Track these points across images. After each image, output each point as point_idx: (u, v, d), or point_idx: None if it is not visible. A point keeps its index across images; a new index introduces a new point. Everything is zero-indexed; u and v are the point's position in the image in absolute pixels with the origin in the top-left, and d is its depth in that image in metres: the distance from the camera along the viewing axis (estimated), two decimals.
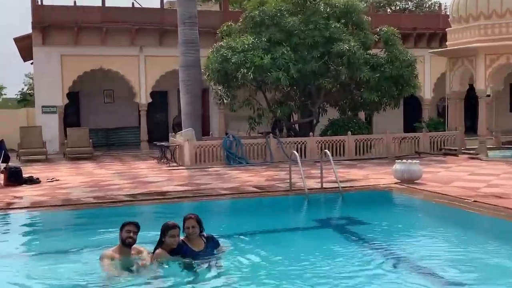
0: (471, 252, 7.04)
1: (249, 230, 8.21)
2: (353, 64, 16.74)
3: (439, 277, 5.97)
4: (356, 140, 17.33)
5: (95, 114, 24.21)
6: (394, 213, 10.07)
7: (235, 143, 16.48)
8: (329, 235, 8.22)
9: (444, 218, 9.49)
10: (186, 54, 17.70)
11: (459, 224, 8.90)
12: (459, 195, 9.92)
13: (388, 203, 10.87)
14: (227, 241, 6.90)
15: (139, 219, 6.55)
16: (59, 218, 9.82)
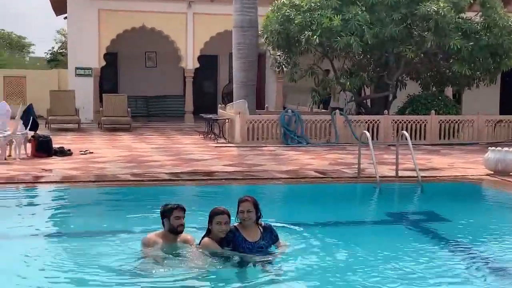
0: None
1: (308, 221, 8.19)
2: (441, 29, 16.34)
3: None
4: (441, 121, 17.05)
5: (134, 80, 24.64)
6: (483, 211, 9.84)
7: (294, 119, 16.46)
8: (403, 232, 8.11)
9: None
10: (241, 12, 17.69)
11: None
12: None
13: (477, 198, 10.66)
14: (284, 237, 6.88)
15: (182, 202, 6.66)
16: (92, 196, 10.08)
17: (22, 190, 10.14)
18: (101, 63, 21.67)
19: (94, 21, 21.39)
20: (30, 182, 10.31)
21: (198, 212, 7.08)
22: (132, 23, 21.60)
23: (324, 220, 8.39)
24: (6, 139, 12.59)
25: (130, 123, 19.64)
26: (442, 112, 17.33)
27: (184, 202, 6.91)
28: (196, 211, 7.22)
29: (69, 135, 17.61)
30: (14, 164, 11.94)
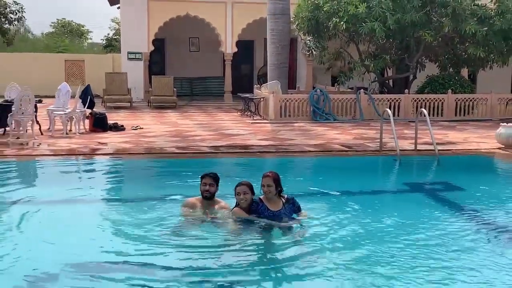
0: None
1: (335, 190, 8.16)
2: (458, 15, 16.02)
3: None
4: (457, 99, 16.79)
5: (179, 63, 24.73)
6: (495, 181, 9.66)
7: (323, 98, 16.36)
8: (421, 200, 8.01)
9: None
10: (274, 1, 17.57)
11: None
12: None
13: (490, 170, 10.46)
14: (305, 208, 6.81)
15: (221, 172, 6.67)
16: (142, 166, 10.21)
17: (81, 161, 10.30)
18: (150, 48, 21.78)
19: (144, 10, 21.46)
20: (88, 154, 10.48)
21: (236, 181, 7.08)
22: (177, 11, 21.61)
23: (348, 190, 8.33)
24: (67, 116, 12.77)
25: (175, 102, 19.75)
26: (458, 91, 17.13)
27: (222, 172, 6.94)
28: (234, 181, 7.22)
29: (122, 112, 17.78)
30: (74, 138, 12.12)
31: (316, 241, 5.86)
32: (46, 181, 9.05)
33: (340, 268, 5.19)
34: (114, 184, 9.12)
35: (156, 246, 5.58)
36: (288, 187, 6.45)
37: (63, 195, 7.69)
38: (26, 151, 10.47)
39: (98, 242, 5.75)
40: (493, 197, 8.18)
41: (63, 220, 6.58)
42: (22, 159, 10.00)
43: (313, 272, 5.11)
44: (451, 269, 5.25)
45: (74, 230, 6.18)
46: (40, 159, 10.05)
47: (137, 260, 5.21)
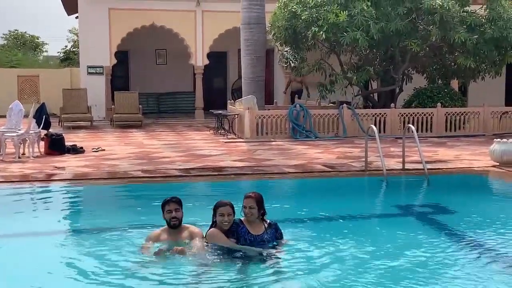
0: None
1: (316, 215, 8.18)
2: (446, 23, 16.23)
3: None
4: (447, 113, 16.97)
5: (145, 77, 24.71)
6: (490, 202, 9.75)
7: (303, 113, 16.43)
8: (411, 225, 8.07)
9: None
10: (249, 9, 17.66)
11: None
12: None
13: (483, 190, 10.57)
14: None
15: (192, 198, 6.68)
16: (104, 193, 10.10)
17: (36, 188, 10.15)
18: (112, 61, 21.71)
19: (105, 20, 21.42)
20: (44, 180, 10.34)
21: (208, 207, 7.05)
22: (142, 21, 21.61)
23: (332, 214, 8.35)
24: (20, 138, 12.63)
25: (141, 120, 19.70)
26: (448, 104, 17.25)
27: (194, 197, 6.97)
28: (206, 207, 7.19)
29: (82, 132, 17.66)
30: (28, 163, 11.98)
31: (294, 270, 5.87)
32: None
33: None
34: (72, 213, 9.02)
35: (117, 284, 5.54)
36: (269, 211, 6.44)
37: (16, 227, 7.59)
38: None
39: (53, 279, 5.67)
40: (488, 220, 8.26)
41: (15, 254, 6.48)
42: None
43: None
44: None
45: (27, 264, 6.09)
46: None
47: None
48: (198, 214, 6.78)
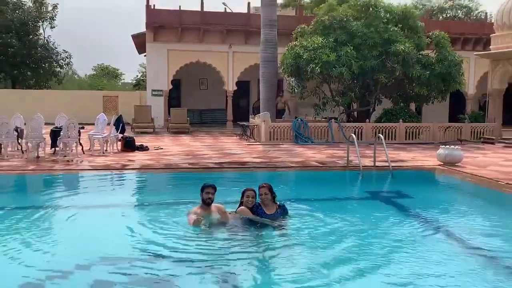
0: (500, 226, 6.71)
1: (311, 197, 8.17)
2: (407, 62, 16.16)
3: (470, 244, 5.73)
4: (407, 127, 16.82)
5: (192, 98, 24.80)
6: (436, 190, 9.71)
7: (303, 125, 16.38)
8: (379, 206, 8.03)
9: (479, 196, 9.02)
10: (265, 51, 17.73)
11: (492, 202, 8.46)
12: (493, 178, 9.41)
13: (432, 182, 10.47)
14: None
15: (223, 184, 6.67)
16: (162, 178, 10.15)
17: (115, 174, 10.24)
18: (169, 86, 21.86)
19: (164, 57, 21.58)
20: (120, 169, 10.42)
21: (233, 190, 7.08)
22: (190, 58, 21.74)
23: (322, 197, 8.35)
24: (104, 139, 12.76)
25: (188, 128, 19.76)
26: (407, 121, 17.10)
27: (223, 183, 6.93)
28: (233, 190, 7.21)
29: (147, 136, 17.75)
30: (109, 156, 12.07)
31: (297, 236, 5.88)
32: (86, 190, 9.01)
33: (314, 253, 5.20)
34: (139, 192, 9.09)
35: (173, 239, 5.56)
36: (276, 195, 6.43)
37: (100, 201, 7.67)
38: (71, 167, 10.43)
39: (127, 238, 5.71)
40: (434, 203, 8.20)
41: (98, 221, 6.55)
42: (67, 173, 9.95)
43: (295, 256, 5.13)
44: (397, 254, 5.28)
45: (107, 229, 6.15)
46: (82, 173, 10.01)
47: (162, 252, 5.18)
48: (227, 195, 6.78)
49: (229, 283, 4.51)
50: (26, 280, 4.45)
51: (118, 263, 4.88)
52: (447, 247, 5.68)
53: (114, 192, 8.72)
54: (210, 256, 5.09)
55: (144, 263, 4.93)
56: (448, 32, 18.46)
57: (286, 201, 6.72)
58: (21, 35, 28.95)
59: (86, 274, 4.62)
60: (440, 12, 38.58)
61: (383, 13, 17.45)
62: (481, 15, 35.81)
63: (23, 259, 4.93)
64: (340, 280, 4.59)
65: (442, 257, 5.28)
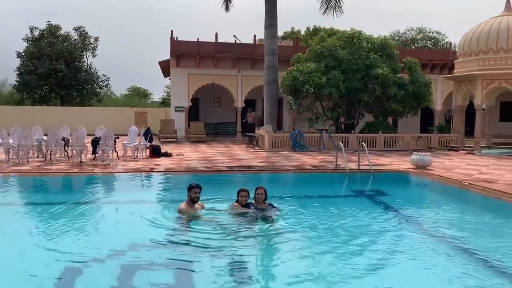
0: (465, 218, 6.66)
1: (306, 195, 8.14)
2: (385, 83, 16.12)
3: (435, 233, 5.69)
4: (385, 137, 16.72)
5: (208, 113, 24.82)
6: (409, 189, 9.64)
7: (299, 135, 16.34)
8: (362, 202, 8.00)
9: (446, 194, 8.94)
10: (268, 75, 17.75)
11: (458, 199, 8.38)
12: (458, 179, 9.33)
13: (406, 182, 10.39)
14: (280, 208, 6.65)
15: (233, 184, 6.66)
16: (183, 180, 10.11)
17: (144, 176, 10.26)
18: (189, 104, 21.87)
19: (185, 80, 21.64)
20: (148, 171, 10.43)
21: None
22: (206, 81, 21.76)
23: (315, 194, 8.32)
24: (135, 147, 12.79)
25: (205, 138, 19.74)
26: (385, 132, 17.02)
27: (233, 184, 6.90)
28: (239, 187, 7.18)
29: (171, 145, 17.75)
30: (139, 161, 12.08)
31: (290, 227, 5.85)
32: (121, 188, 9.03)
33: (305, 241, 5.17)
34: (164, 190, 9.09)
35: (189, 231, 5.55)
36: (278, 192, 6.42)
37: (132, 198, 7.68)
38: (107, 170, 10.45)
39: (152, 228, 5.70)
40: (408, 199, 8.16)
41: (130, 214, 6.55)
42: (105, 175, 9.98)
43: (283, 242, 5.10)
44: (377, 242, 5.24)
45: (136, 221, 6.14)
46: (117, 175, 10.03)
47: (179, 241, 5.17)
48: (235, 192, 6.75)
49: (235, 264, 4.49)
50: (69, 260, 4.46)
51: (143, 249, 4.88)
52: (417, 236, 5.65)
53: (143, 190, 8.75)
54: (211, 241, 5.10)
55: (165, 249, 4.92)
56: (419, 58, 18.45)
57: (284, 198, 6.69)
58: (68, 62, 29.29)
59: (116, 259, 4.63)
60: (412, 42, 38.60)
61: (365, 43, 17.46)
62: (447, 44, 35.78)
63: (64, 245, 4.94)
64: (327, 264, 4.56)
65: (412, 243, 5.25)
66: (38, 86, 28.68)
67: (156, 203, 7.50)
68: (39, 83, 28.42)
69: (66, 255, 4.65)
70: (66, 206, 6.79)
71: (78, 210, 6.62)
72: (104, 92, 37.67)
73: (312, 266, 4.52)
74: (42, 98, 29.96)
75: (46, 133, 11.91)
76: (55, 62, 28.06)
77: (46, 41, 28.58)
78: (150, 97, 51.30)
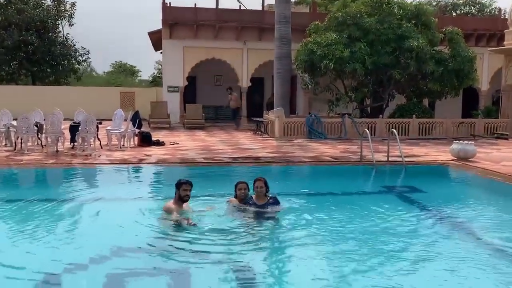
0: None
1: (325, 192, 8.10)
2: (420, 58, 15.96)
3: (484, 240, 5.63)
4: (420, 122, 16.63)
5: (207, 94, 24.79)
6: (449, 185, 9.57)
7: (316, 121, 16.28)
8: (392, 200, 7.93)
9: (493, 191, 8.87)
10: (280, 47, 17.65)
11: (508, 197, 8.29)
12: (507, 173, 9.24)
13: (445, 177, 10.32)
14: (286, 204, 6.64)
15: (237, 178, 6.63)
16: (177, 173, 10.13)
17: (131, 168, 10.28)
18: (185, 83, 21.86)
19: (180, 54, 21.59)
20: (136, 163, 10.46)
21: None
22: (205, 56, 21.71)
23: (335, 191, 8.26)
24: (121, 134, 12.82)
25: (203, 124, 19.76)
26: (420, 116, 16.93)
27: (237, 177, 6.88)
28: None
29: (163, 132, 17.80)
30: (126, 151, 12.13)
31: (306, 229, 5.82)
32: (104, 183, 9.06)
33: (323, 246, 5.13)
34: (155, 186, 9.11)
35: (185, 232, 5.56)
36: (290, 189, 6.40)
37: (117, 195, 7.70)
38: (89, 161, 10.50)
39: (142, 229, 5.70)
40: (447, 197, 8.09)
41: (115, 214, 6.56)
42: (86, 167, 10.02)
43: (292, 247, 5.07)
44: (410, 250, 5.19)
45: (124, 221, 6.15)
46: (100, 167, 10.07)
47: None
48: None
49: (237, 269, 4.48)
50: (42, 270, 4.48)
51: (132, 254, 4.89)
52: (461, 242, 5.58)
53: (131, 186, 8.77)
54: (208, 242, 5.15)
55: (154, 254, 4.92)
56: (461, 28, 18.18)
57: (298, 195, 6.67)
58: (41, 32, 29.26)
59: (102, 265, 4.64)
60: (453, 8, 38.07)
61: (397, 9, 17.24)
62: (495, 11, 35.21)
63: (37, 251, 4.96)
64: (348, 276, 4.49)
65: (453, 251, 5.19)
66: (5, 62, 28.76)
67: (146, 201, 7.50)
68: (5, 57, 28.47)
69: (39, 263, 4.66)
70: (39, 204, 6.82)
71: (54, 209, 6.65)
72: (83, 68, 37.76)
73: (328, 277, 4.48)
74: (9, 75, 30.10)
75: (16, 118, 11.94)
76: (24, 32, 28.08)
77: (13, 7, 28.59)
78: (138, 75, 51.33)
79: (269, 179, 6.36)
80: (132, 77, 49.46)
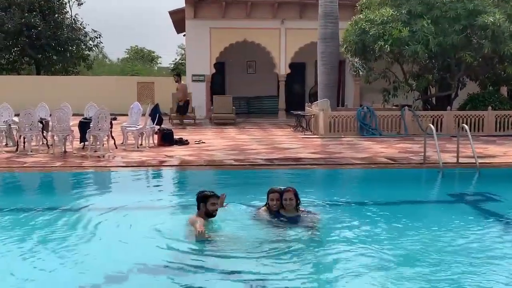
0: None
1: (380, 200, 8.00)
2: (497, 37, 15.51)
3: None
4: (497, 115, 16.26)
5: (238, 83, 24.92)
6: None
7: (369, 114, 16.15)
8: (463, 211, 7.76)
9: None
10: (325, 26, 17.55)
11: None
12: None
13: None
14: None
15: (273, 183, 6.64)
16: (204, 177, 10.23)
17: (151, 172, 10.43)
18: (212, 70, 22.04)
19: (206, 37, 21.77)
20: (157, 166, 10.62)
21: None
22: (236, 38, 21.83)
23: (394, 199, 8.16)
24: (139, 132, 13.03)
25: (234, 119, 19.88)
26: (497, 108, 16.58)
27: (275, 183, 6.88)
28: None
29: (187, 128, 18.00)
30: (145, 151, 12.33)
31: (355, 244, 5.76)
32: (119, 190, 9.22)
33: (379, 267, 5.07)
34: (177, 192, 9.20)
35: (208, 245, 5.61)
36: (336, 196, 6.35)
37: (134, 203, 7.80)
38: (102, 163, 10.73)
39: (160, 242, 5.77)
40: None
41: (131, 224, 6.66)
42: (98, 170, 10.24)
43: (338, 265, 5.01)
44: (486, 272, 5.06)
45: (138, 233, 6.23)
46: (115, 170, 10.26)
47: None
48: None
49: None
50: None
51: (150, 273, 4.98)
52: None
53: (150, 192, 8.88)
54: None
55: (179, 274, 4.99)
56: None
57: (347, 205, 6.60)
58: (46, 14, 30.03)
59: (111, 279, 4.75)
60: None
61: None
62: None
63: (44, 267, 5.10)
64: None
65: None
66: (5, 48, 29.65)
67: (166, 210, 7.59)
68: (6, 43, 29.34)
69: (47, 282, 4.78)
70: (45, 213, 7.00)
71: (62, 219, 6.80)
72: (94, 55, 38.60)
73: None
74: (10, 64, 31.07)
75: (18, 113, 12.32)
76: (27, 14, 28.86)
77: None
78: (158, 62, 52.12)
79: (311, 185, 6.41)
80: (150, 64, 50.27)
